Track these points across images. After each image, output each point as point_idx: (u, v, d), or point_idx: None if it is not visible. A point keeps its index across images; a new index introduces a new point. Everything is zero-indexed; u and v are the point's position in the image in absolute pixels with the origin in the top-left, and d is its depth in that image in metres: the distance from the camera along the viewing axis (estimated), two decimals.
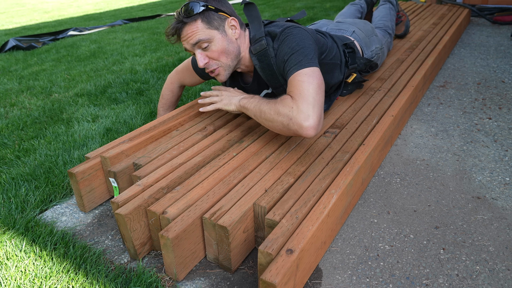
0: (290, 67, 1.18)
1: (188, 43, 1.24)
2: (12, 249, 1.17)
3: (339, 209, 1.11)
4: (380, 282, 1.00)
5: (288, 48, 1.21)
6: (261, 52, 1.28)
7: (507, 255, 1.06)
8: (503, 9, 3.60)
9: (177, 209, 1.04)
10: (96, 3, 8.71)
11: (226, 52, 1.26)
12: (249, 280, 1.04)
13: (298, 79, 1.14)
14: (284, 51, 1.22)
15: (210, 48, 1.24)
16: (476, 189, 1.34)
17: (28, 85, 2.79)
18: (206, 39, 1.22)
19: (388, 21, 2.24)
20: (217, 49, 1.25)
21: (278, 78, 1.32)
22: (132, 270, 1.08)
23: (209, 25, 1.23)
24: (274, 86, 1.36)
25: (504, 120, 1.79)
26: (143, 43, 3.98)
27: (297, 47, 1.19)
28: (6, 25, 6.19)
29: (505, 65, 2.46)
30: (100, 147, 1.39)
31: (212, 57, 1.26)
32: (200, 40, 1.22)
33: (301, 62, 1.16)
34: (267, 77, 1.33)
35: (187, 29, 1.23)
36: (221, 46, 1.25)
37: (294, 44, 1.20)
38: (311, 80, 1.13)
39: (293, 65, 1.17)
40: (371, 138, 1.36)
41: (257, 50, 1.28)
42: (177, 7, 6.83)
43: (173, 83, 1.71)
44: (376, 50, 1.84)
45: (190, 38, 1.23)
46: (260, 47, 1.28)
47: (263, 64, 1.30)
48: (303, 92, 1.10)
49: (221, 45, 1.25)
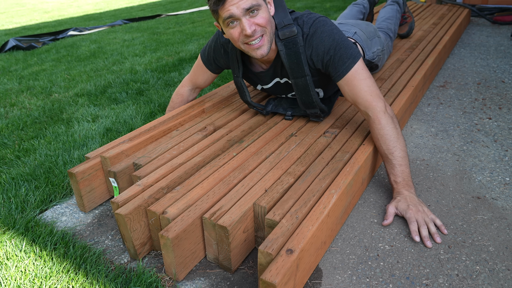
0: (337, 70, 1.27)
1: (238, 7, 1.16)
2: (12, 249, 1.17)
3: (339, 209, 1.11)
4: (380, 282, 1.00)
5: (326, 44, 1.26)
6: (289, 39, 1.28)
7: (507, 255, 1.06)
8: (503, 9, 3.60)
9: (177, 209, 1.04)
10: (96, 3, 8.71)
11: (270, 22, 1.25)
12: (249, 280, 1.04)
13: (354, 83, 1.26)
14: (323, 47, 1.27)
15: (258, 14, 1.20)
16: (476, 189, 1.34)
17: (28, 85, 2.79)
18: (257, 5, 1.18)
19: (392, 24, 2.23)
20: (265, 16, 1.22)
21: (303, 67, 1.31)
22: (132, 270, 1.08)
23: None
24: (295, 75, 1.34)
25: (504, 120, 1.79)
26: (143, 43, 3.98)
27: (335, 43, 1.26)
28: (6, 25, 6.19)
29: (505, 65, 2.46)
30: (100, 147, 1.39)
31: (259, 24, 1.21)
32: (252, 6, 1.17)
33: (345, 62, 1.26)
34: (291, 65, 1.32)
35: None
36: (267, 15, 1.23)
37: (331, 39, 1.26)
38: (362, 76, 1.27)
39: (340, 66, 1.26)
40: (371, 138, 1.36)
41: (286, 36, 1.28)
42: (177, 7, 6.82)
43: (183, 86, 1.69)
44: (378, 51, 1.84)
45: (243, 1, 1.16)
46: (290, 33, 1.27)
47: (289, 51, 1.29)
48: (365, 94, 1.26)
49: (267, 14, 1.23)
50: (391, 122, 1.26)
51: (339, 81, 1.29)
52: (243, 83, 1.47)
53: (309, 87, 1.35)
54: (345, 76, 1.27)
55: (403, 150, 1.25)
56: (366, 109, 1.28)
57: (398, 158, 1.23)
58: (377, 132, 1.27)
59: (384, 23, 2.23)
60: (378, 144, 1.27)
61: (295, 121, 1.51)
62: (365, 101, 1.27)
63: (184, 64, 3.09)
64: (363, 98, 1.27)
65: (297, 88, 1.37)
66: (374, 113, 1.26)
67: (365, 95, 1.26)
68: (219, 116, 1.59)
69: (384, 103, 1.27)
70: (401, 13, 2.42)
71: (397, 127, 1.27)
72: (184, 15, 5.76)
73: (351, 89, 1.28)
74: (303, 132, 1.42)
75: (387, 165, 1.27)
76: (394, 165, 1.24)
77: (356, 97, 1.28)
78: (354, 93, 1.28)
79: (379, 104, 1.26)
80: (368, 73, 1.28)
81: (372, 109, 1.26)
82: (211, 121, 1.54)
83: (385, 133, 1.25)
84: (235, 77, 1.47)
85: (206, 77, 1.62)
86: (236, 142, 1.40)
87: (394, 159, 1.24)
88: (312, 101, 1.39)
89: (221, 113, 1.62)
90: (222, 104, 1.72)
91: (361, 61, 1.28)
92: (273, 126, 1.48)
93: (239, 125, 1.50)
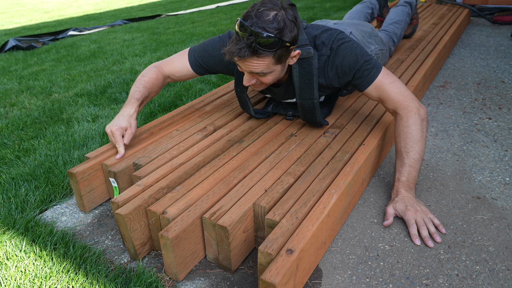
0: (364, 79, 1.27)
1: (247, 68, 1.14)
2: (12, 249, 1.17)
3: (339, 209, 1.11)
4: (380, 282, 1.00)
5: (350, 59, 1.26)
6: (305, 59, 1.26)
7: (507, 255, 1.06)
8: (503, 9, 3.61)
9: (177, 209, 1.04)
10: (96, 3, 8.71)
11: (277, 77, 1.22)
12: (249, 280, 1.04)
13: (383, 88, 1.27)
14: (348, 63, 1.26)
15: (266, 76, 1.18)
16: (476, 189, 1.34)
17: (28, 85, 2.79)
18: (268, 72, 1.16)
19: (399, 29, 2.21)
20: (272, 77, 1.20)
21: (313, 90, 1.29)
22: (132, 270, 1.08)
23: (277, 61, 1.14)
24: (302, 96, 1.32)
25: (504, 120, 1.79)
26: (143, 43, 3.98)
27: (358, 57, 1.26)
28: (6, 25, 6.19)
29: (505, 65, 2.46)
30: (100, 147, 1.39)
31: (262, 82, 1.21)
32: (262, 72, 1.15)
33: (370, 71, 1.26)
34: (301, 84, 1.29)
35: (254, 61, 1.11)
36: (276, 76, 1.20)
37: (354, 54, 1.26)
38: (389, 80, 1.27)
39: (366, 76, 1.27)
40: (371, 138, 1.36)
41: (303, 56, 1.25)
42: (177, 7, 6.82)
43: (160, 72, 1.45)
44: (376, 50, 1.83)
45: (254, 68, 1.13)
46: (307, 54, 1.25)
47: (303, 71, 1.27)
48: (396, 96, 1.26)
49: (276, 75, 1.20)
50: (419, 124, 1.24)
51: (366, 89, 1.29)
52: (247, 98, 1.44)
53: (315, 110, 1.34)
54: (371, 84, 1.27)
55: (419, 154, 1.23)
56: (396, 108, 1.27)
57: (411, 159, 1.23)
58: (400, 128, 1.26)
59: (391, 26, 2.21)
60: (398, 140, 1.27)
61: (295, 121, 1.51)
62: (396, 102, 1.26)
63: None
64: (393, 99, 1.27)
65: (302, 109, 1.37)
66: (404, 112, 1.26)
67: (396, 96, 1.26)
68: (219, 116, 1.59)
69: (418, 104, 1.26)
70: (411, 16, 2.40)
71: (424, 130, 1.25)
72: (184, 15, 5.76)
73: (379, 94, 1.28)
74: (303, 132, 1.42)
75: (397, 162, 1.26)
76: (404, 164, 1.23)
77: (386, 99, 1.28)
78: (383, 96, 1.28)
79: (412, 105, 1.25)
80: (394, 77, 1.28)
81: (403, 108, 1.26)
82: (211, 121, 1.54)
83: (408, 132, 1.24)
84: (238, 91, 1.43)
85: (185, 76, 1.49)
86: (236, 142, 1.40)
87: (407, 158, 1.23)
88: (315, 121, 1.39)
89: (221, 113, 1.62)
90: (222, 104, 1.72)
91: (385, 68, 1.29)
92: (273, 126, 1.48)
93: (239, 125, 1.50)
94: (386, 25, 2.23)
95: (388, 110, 1.32)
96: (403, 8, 2.36)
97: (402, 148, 1.25)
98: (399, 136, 1.26)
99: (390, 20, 2.26)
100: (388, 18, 2.30)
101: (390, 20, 2.27)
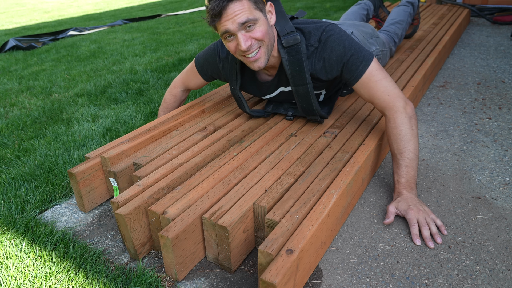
0: (351, 74, 1.27)
1: (234, 22, 1.15)
2: (12, 249, 1.17)
3: (339, 209, 1.11)
4: (380, 282, 1.00)
5: (338, 52, 1.26)
6: (293, 47, 1.27)
7: (507, 255, 1.06)
8: (503, 9, 3.61)
9: (177, 209, 1.04)
10: (96, 3, 8.71)
11: (268, 34, 1.23)
12: (249, 280, 1.04)
13: (370, 85, 1.26)
14: (335, 57, 1.26)
15: (255, 28, 1.18)
16: (476, 189, 1.34)
17: (28, 85, 2.79)
18: (253, 19, 1.16)
19: (400, 30, 2.21)
20: (262, 29, 1.20)
21: (305, 75, 1.30)
22: (132, 270, 1.08)
23: (255, 5, 1.17)
24: (296, 83, 1.34)
25: (504, 120, 1.79)
26: (143, 43, 3.98)
27: (346, 49, 1.25)
28: (6, 25, 6.19)
29: (505, 65, 2.46)
30: (100, 147, 1.39)
31: (256, 37, 1.20)
32: (248, 20, 1.15)
33: (358, 66, 1.26)
34: (293, 72, 1.31)
35: (234, 7, 1.14)
36: (265, 28, 1.21)
37: (342, 47, 1.26)
38: (377, 77, 1.26)
39: (353, 70, 1.26)
40: (371, 138, 1.36)
41: (290, 43, 1.27)
42: (177, 7, 6.83)
43: (176, 87, 1.69)
44: (377, 51, 1.83)
45: (238, 16, 1.14)
46: (294, 41, 1.26)
47: (292, 58, 1.29)
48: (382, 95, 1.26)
49: (265, 27, 1.21)
50: (407, 122, 1.25)
51: (354, 85, 1.29)
52: (241, 95, 1.47)
53: (310, 95, 1.34)
54: (359, 80, 1.27)
55: (413, 152, 1.24)
56: (383, 109, 1.28)
57: (406, 160, 1.23)
58: (390, 130, 1.27)
59: (392, 26, 2.20)
60: (390, 142, 1.27)
61: (295, 121, 1.51)
62: (382, 102, 1.27)
63: (184, 64, 3.09)
64: (380, 99, 1.27)
65: (298, 96, 1.37)
66: (390, 112, 1.26)
67: (382, 95, 1.26)
68: (219, 116, 1.59)
69: (404, 102, 1.26)
70: (413, 16, 2.39)
71: (413, 128, 1.25)
72: (184, 15, 5.76)
73: (367, 91, 1.29)
74: (303, 132, 1.42)
75: (394, 164, 1.27)
76: (401, 165, 1.24)
77: (373, 98, 1.29)
78: (370, 95, 1.28)
79: (397, 104, 1.25)
80: (384, 73, 1.28)
81: (389, 109, 1.26)
82: (211, 121, 1.54)
83: (398, 133, 1.24)
84: (232, 88, 1.47)
85: (198, 83, 1.63)
86: (236, 142, 1.40)
87: (402, 159, 1.23)
88: (312, 109, 1.39)
89: (221, 113, 1.62)
90: (222, 104, 1.72)
91: (375, 62, 1.27)
92: (273, 126, 1.48)
93: (239, 125, 1.50)
94: (387, 25, 2.23)
95: (379, 111, 1.33)
96: (405, 8, 2.35)
97: (395, 150, 1.25)
98: (390, 138, 1.27)
99: (392, 20, 2.25)
100: (390, 18, 2.28)
101: (392, 20, 2.26)
